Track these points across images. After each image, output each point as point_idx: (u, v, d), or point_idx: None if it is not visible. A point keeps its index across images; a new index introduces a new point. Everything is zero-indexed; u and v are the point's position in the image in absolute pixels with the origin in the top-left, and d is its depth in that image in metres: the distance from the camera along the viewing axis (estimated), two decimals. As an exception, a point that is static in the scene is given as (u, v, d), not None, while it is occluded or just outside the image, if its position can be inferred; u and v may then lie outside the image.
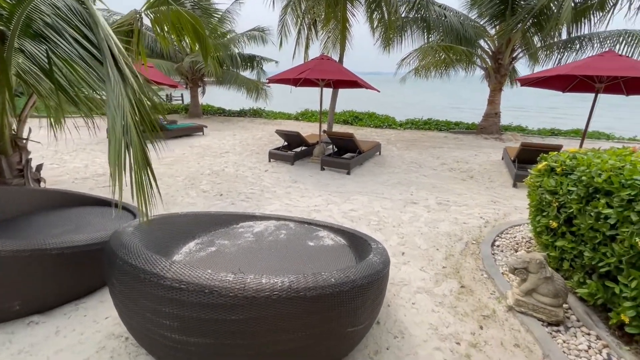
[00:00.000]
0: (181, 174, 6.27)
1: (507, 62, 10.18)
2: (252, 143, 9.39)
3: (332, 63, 6.48)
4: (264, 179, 6.07)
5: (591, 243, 2.35)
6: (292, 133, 7.17)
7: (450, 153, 8.42)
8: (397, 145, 9.41)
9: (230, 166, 6.90)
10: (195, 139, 9.94)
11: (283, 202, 4.93)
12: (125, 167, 1.58)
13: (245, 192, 5.31)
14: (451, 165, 7.30)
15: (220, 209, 4.64)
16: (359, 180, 6.08)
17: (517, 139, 10.07)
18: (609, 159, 2.42)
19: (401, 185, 5.87)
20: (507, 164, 6.88)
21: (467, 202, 5.06)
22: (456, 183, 6.05)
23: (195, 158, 7.55)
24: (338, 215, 4.50)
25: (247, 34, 14.52)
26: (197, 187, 5.55)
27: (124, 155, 1.58)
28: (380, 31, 9.47)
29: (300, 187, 5.65)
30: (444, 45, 9.05)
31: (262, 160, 7.45)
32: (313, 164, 7.12)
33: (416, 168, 7.01)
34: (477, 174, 6.64)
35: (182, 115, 15.80)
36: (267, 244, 2.88)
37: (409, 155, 8.12)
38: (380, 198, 5.18)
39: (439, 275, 3.10)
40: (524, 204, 4.93)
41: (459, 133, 11.32)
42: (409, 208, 4.80)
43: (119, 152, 1.54)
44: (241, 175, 6.28)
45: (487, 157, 8.05)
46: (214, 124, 13.07)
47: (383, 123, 12.79)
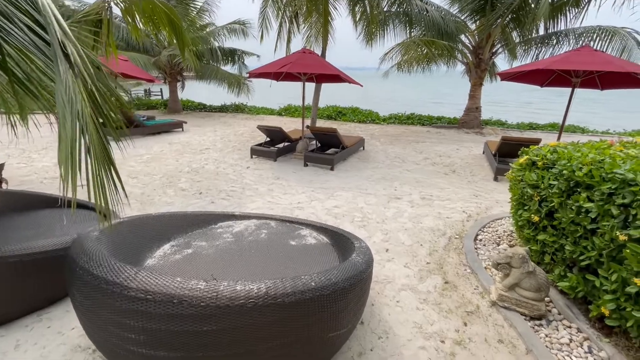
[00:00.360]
0: (159, 171, 6.03)
1: (487, 57, 10.31)
2: (234, 139, 9.17)
3: (314, 57, 6.35)
4: (246, 176, 5.91)
5: (572, 237, 2.35)
6: (274, 129, 7.01)
7: (433, 147, 8.48)
8: (380, 140, 9.40)
9: (211, 163, 6.70)
10: (174, 135, 9.62)
11: (265, 199, 4.80)
12: (81, 166, 1.42)
13: (226, 190, 5.15)
14: (434, 159, 7.34)
15: (200, 208, 4.47)
16: (342, 176, 6.01)
17: (497, 133, 10.25)
18: (589, 153, 2.43)
19: (385, 180, 5.84)
20: (488, 157, 6.97)
21: (450, 197, 5.08)
22: (439, 177, 6.07)
23: (174, 155, 7.29)
24: (322, 212, 4.41)
25: (228, 27, 14.16)
26: (176, 185, 5.34)
27: (78, 152, 1.42)
28: (362, 25, 9.38)
29: (283, 183, 5.53)
30: (426, 40, 9.05)
31: (244, 156, 7.27)
32: (296, 160, 7.00)
33: (400, 163, 7.00)
34: (459, 168, 6.70)
35: (161, 110, 15.30)
36: (247, 244, 2.76)
37: (392, 150, 8.12)
38: (364, 194, 5.13)
39: (423, 272, 3.07)
40: (505, 198, 4.99)
41: (441, 127, 11.42)
42: (393, 203, 4.77)
43: (70, 149, 1.38)
44: (222, 172, 6.09)
45: (469, 151, 8.14)
46: (195, 120, 12.71)
47: (367, 118, 12.77)
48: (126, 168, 6.19)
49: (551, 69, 5.17)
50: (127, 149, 7.72)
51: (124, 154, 7.27)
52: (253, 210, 4.42)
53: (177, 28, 5.22)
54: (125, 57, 9.12)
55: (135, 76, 8.96)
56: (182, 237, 2.90)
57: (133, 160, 6.81)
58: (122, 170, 5.96)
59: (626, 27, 8.49)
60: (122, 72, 8.43)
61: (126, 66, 8.74)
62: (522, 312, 2.43)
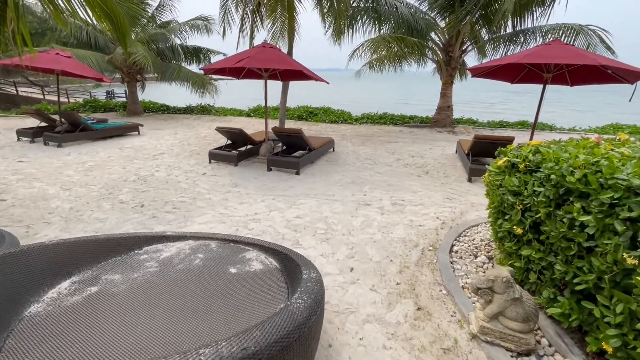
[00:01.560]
0: (99, 182, 5.28)
1: (458, 54, 10.16)
2: (194, 142, 8.45)
3: (275, 51, 5.81)
4: (200, 183, 5.28)
5: (563, 254, 1.96)
6: (234, 130, 6.41)
7: (406, 147, 8.15)
8: (352, 140, 8.99)
9: (163, 170, 6.00)
10: (128, 139, 8.76)
11: (217, 211, 4.21)
12: None
13: (173, 201, 4.51)
14: (406, 160, 6.99)
15: (138, 224, 3.82)
16: (308, 181, 5.50)
17: (469, 132, 10.12)
18: (577, 153, 2.05)
19: (354, 184, 5.39)
20: (461, 157, 6.70)
21: (422, 201, 4.69)
22: (412, 180, 5.70)
23: (121, 162, 6.51)
24: (280, 224, 3.88)
25: (190, 24, 13.34)
26: (115, 197, 4.63)
27: None
28: (330, 21, 8.94)
29: (241, 191, 4.95)
30: (396, 36, 8.74)
31: (202, 161, 6.62)
32: (259, 164, 6.43)
33: (371, 165, 6.59)
34: (432, 169, 6.37)
35: (120, 113, 14.20)
36: (174, 275, 2.20)
37: (363, 151, 7.71)
38: (331, 200, 4.65)
39: (393, 295, 2.61)
40: (480, 201, 4.66)
41: (414, 127, 11.19)
42: (362, 211, 4.32)
43: None
44: (173, 180, 5.42)
45: (442, 150, 7.88)
46: (155, 122, 11.81)
47: (339, 118, 12.36)
48: (61, 178, 5.39)
49: (523, 63, 4.91)
50: (69, 155, 6.87)
51: (64, 160, 6.43)
52: (201, 225, 3.82)
53: (113, 13, 4.54)
54: (68, 53, 8.18)
55: (79, 74, 8.05)
56: (91, 269, 2.30)
57: (72, 168, 5.99)
58: (55, 181, 5.18)
59: (590, 25, 8.55)
60: (63, 69, 7.52)
61: (70, 63, 7.83)
62: (508, 347, 2.01)
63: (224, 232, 3.65)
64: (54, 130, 8.19)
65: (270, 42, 6.50)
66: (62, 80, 25.61)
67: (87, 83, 28.00)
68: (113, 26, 4.60)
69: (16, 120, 11.51)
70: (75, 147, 7.70)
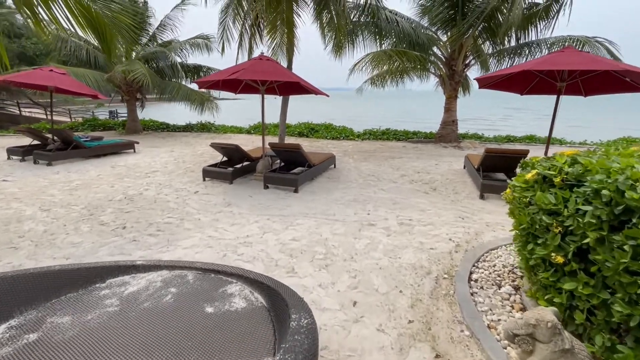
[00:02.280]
0: (82, 201, 4.92)
1: (461, 68, 9.96)
2: (190, 160, 8.14)
3: (272, 63, 5.57)
4: (190, 203, 4.90)
5: (623, 291, 1.54)
6: (230, 146, 6.08)
7: (410, 163, 7.78)
8: (354, 156, 8.65)
9: (153, 188, 5.64)
10: (122, 157, 8.48)
11: (205, 233, 3.80)
12: None
13: (158, 223, 4.11)
14: (412, 176, 6.60)
15: (115, 248, 3.41)
16: (307, 199, 5.11)
17: (475, 147, 9.76)
18: (634, 163, 1.65)
19: (357, 202, 4.99)
20: (470, 173, 6.30)
21: (432, 220, 4.27)
22: (419, 197, 5.29)
23: (111, 180, 6.17)
24: (274, 247, 3.46)
25: (190, 42, 13.36)
26: (96, 218, 4.25)
27: None
28: (330, 35, 8.80)
29: (234, 211, 4.56)
30: (397, 50, 8.56)
31: (196, 179, 6.27)
32: (256, 182, 6.07)
33: (374, 181, 6.20)
34: (440, 185, 5.97)
35: (119, 131, 14.05)
36: (136, 316, 1.79)
37: (366, 168, 7.34)
38: (332, 220, 4.24)
39: (404, 338, 2.16)
40: (496, 219, 4.24)
41: (418, 142, 10.87)
42: (366, 232, 3.89)
43: None
44: (162, 199, 5.05)
45: (449, 166, 7.49)
46: (153, 140, 11.59)
47: (340, 134, 12.09)
48: (42, 198, 5.04)
49: (537, 70, 4.60)
50: (57, 173, 6.56)
51: (51, 179, 6.11)
52: (185, 249, 3.41)
53: (99, 24, 4.31)
54: (62, 70, 8.03)
55: (72, 91, 7.86)
56: (37, 310, 1.89)
57: (57, 187, 5.65)
58: (35, 201, 4.82)
59: (598, 37, 8.33)
60: (55, 85, 7.33)
61: (63, 80, 7.64)
62: (559, 414, 1.55)
63: (211, 257, 3.23)
64: (45, 149, 7.94)
65: (268, 56, 6.26)
66: (65, 101, 25.71)
67: (89, 103, 28.27)
68: (98, 36, 4.37)
69: (12, 139, 11.34)
70: (65, 165, 7.40)
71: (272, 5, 7.30)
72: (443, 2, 8.84)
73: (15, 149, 7.97)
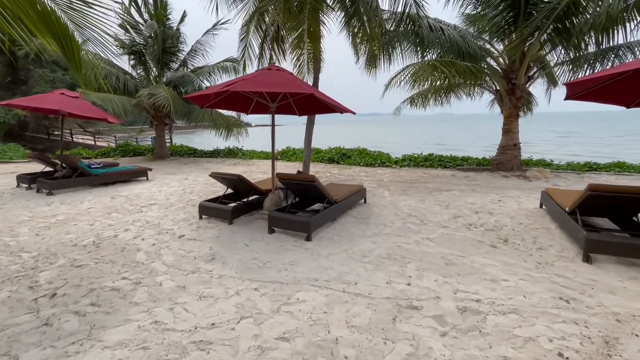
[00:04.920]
0: (41, 246, 3.92)
1: (523, 81, 8.19)
2: (199, 190, 7.13)
3: (283, 74, 4.39)
4: (165, 254, 3.68)
5: None
6: (232, 177, 4.90)
7: (464, 199, 6.07)
8: (390, 188, 7.11)
9: (134, 229, 4.56)
10: (130, 186, 7.72)
11: (153, 315, 2.50)
12: None
13: (102, 289, 2.90)
14: (468, 218, 4.92)
15: (6, 342, 2.21)
16: (322, 252, 3.68)
17: (547, 177, 7.75)
18: None
19: (392, 260, 3.46)
20: (556, 216, 4.50)
21: (515, 304, 2.62)
22: (484, 253, 3.63)
23: (97, 215, 5.23)
24: (250, 354, 2.05)
25: (219, 65, 12.96)
26: (33, 276, 3.16)
27: None
28: (363, 47, 7.62)
29: (215, 271, 3.25)
30: (444, 61, 7.11)
31: (192, 216, 5.13)
32: (262, 222, 4.77)
33: (417, 225, 4.63)
34: (513, 234, 4.24)
35: (147, 157, 13.81)
36: None
37: (406, 204, 5.77)
38: (351, 296, 2.76)
39: None
40: (630, 306, 2.48)
41: (469, 170, 9.06)
42: (404, 324, 2.36)
43: None
44: (133, 246, 3.90)
45: (517, 203, 5.68)
46: (173, 167, 10.96)
47: (375, 161, 10.61)
48: (2, 239, 4.13)
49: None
50: (48, 205, 5.80)
51: (36, 212, 5.32)
52: (105, 350, 2.11)
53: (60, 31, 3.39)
54: (75, 93, 7.59)
55: (82, 115, 7.34)
56: None
57: (33, 223, 4.79)
58: (-13, 244, 3.90)
59: None
60: (62, 109, 6.80)
61: (73, 104, 7.15)
62: None
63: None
64: (53, 176, 7.41)
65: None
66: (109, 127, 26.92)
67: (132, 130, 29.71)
68: (59, 45, 3.46)
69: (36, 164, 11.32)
70: (65, 194, 6.71)
71: (292, 13, 6.31)
72: (500, 3, 7.32)
73: (24, 176, 7.51)
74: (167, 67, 13.22)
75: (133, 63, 13.14)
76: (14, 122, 18.66)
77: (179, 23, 13.28)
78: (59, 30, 3.28)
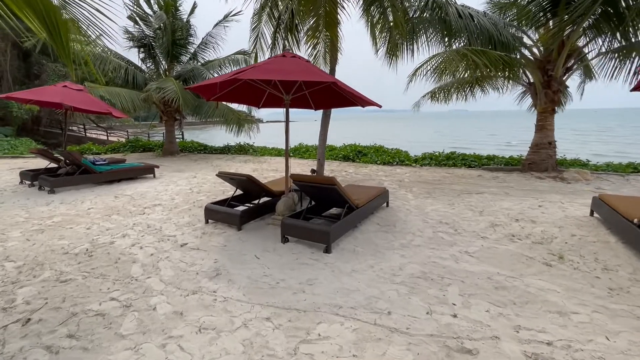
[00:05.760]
0: (30, 253, 3.51)
1: (560, 73, 7.44)
2: (207, 189, 6.68)
3: (299, 61, 3.84)
4: (163, 267, 3.21)
5: None
6: (240, 177, 4.40)
7: (498, 203, 5.44)
8: (413, 189, 6.51)
9: (134, 234, 4.12)
10: (136, 183, 7.34)
11: (139, 356, 2.01)
12: None
13: (86, 314, 2.44)
14: (509, 227, 4.30)
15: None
16: (344, 269, 3.15)
17: (587, 179, 7.01)
18: None
19: (428, 281, 2.90)
20: (614, 228, 3.86)
21: (597, 348, 2.03)
22: (537, 273, 3.04)
23: (96, 218, 4.83)
24: None
25: (230, 58, 12.50)
26: (10, 293, 2.73)
27: None
28: (383, 36, 6.99)
29: (220, 290, 2.75)
30: (475, 49, 6.43)
31: (198, 220, 4.67)
32: (273, 229, 4.27)
33: (450, 235, 4.04)
34: (567, 248, 3.61)
35: (157, 153, 13.51)
36: None
37: (433, 208, 5.18)
38: (385, 332, 2.21)
39: None
40: None
41: (497, 170, 8.36)
42: (459, 378, 1.81)
43: None
44: (129, 257, 3.45)
45: (561, 210, 5.02)
46: (182, 163, 10.58)
47: (393, 159, 9.99)
48: (-12, 244, 3.74)
49: None
50: (47, 205, 5.44)
51: (32, 213, 4.96)
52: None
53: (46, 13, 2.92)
54: (79, 86, 7.22)
55: (85, 109, 6.97)
56: None
57: (28, 225, 4.41)
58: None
59: None
60: (62, 102, 6.43)
61: (76, 97, 6.78)
62: None
63: None
64: (56, 173, 7.07)
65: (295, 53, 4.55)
66: (121, 122, 26.87)
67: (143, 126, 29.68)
68: (43, 26, 3.00)
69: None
70: (67, 193, 6.35)
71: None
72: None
73: (27, 172, 7.21)
74: (176, 60, 12.84)
75: (143, 56, 12.80)
76: (27, 117, 18.67)
77: (189, 15, 12.87)
78: (43, 8, 2.80)
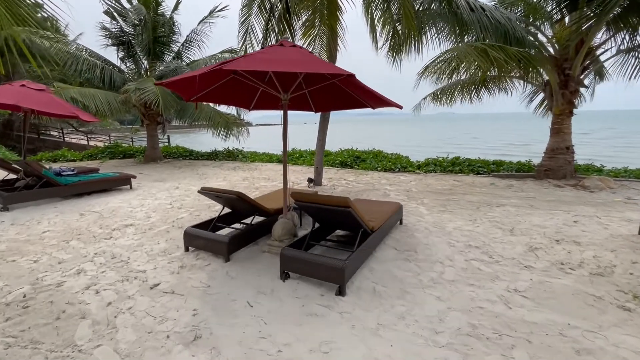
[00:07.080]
0: (-59, 305, 2.61)
1: (578, 72, 6.87)
2: (190, 203, 5.82)
3: (300, 50, 3.07)
4: (124, 322, 2.37)
5: None
6: (229, 195, 3.56)
7: (526, 218, 4.75)
8: (424, 201, 5.79)
9: (92, 270, 3.25)
10: (108, 197, 6.41)
11: None
12: None
13: None
14: (551, 251, 3.59)
15: None
16: (367, 321, 2.36)
17: (611, 187, 6.42)
18: None
19: (481, 340, 2.14)
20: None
21: None
22: (617, 323, 2.32)
23: (48, 245, 3.93)
24: None
25: (217, 57, 11.64)
26: None
27: None
28: (387, 29, 6.29)
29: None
30: (493, 45, 5.77)
31: (176, 247, 3.82)
32: (271, 258, 3.46)
33: (487, 264, 3.31)
34: (636, 282, 2.91)
35: (138, 159, 12.51)
36: None
37: (454, 226, 4.45)
38: None
39: None
40: None
41: (509, 177, 7.74)
42: None
43: None
44: (80, 306, 2.59)
45: (601, 226, 4.35)
46: (164, 171, 9.65)
47: (394, 165, 9.29)
48: None
49: None
50: (-6, 227, 4.49)
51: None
52: None
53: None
54: (40, 85, 6.28)
55: (47, 112, 6.03)
56: None
57: (-42, 259, 3.48)
58: None
59: None
60: (17, 104, 5.49)
61: (37, 98, 5.84)
62: None
63: None
64: (14, 185, 6.11)
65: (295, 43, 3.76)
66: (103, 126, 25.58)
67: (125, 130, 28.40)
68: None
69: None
70: (24, 210, 5.41)
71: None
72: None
73: (-21, 186, 6.21)
74: (158, 60, 11.91)
75: (122, 55, 11.83)
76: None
77: (173, 10, 11.96)
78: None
